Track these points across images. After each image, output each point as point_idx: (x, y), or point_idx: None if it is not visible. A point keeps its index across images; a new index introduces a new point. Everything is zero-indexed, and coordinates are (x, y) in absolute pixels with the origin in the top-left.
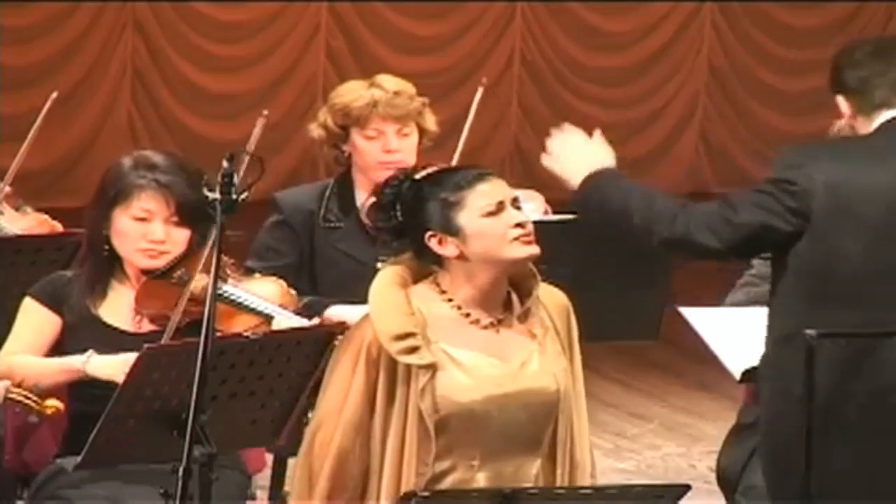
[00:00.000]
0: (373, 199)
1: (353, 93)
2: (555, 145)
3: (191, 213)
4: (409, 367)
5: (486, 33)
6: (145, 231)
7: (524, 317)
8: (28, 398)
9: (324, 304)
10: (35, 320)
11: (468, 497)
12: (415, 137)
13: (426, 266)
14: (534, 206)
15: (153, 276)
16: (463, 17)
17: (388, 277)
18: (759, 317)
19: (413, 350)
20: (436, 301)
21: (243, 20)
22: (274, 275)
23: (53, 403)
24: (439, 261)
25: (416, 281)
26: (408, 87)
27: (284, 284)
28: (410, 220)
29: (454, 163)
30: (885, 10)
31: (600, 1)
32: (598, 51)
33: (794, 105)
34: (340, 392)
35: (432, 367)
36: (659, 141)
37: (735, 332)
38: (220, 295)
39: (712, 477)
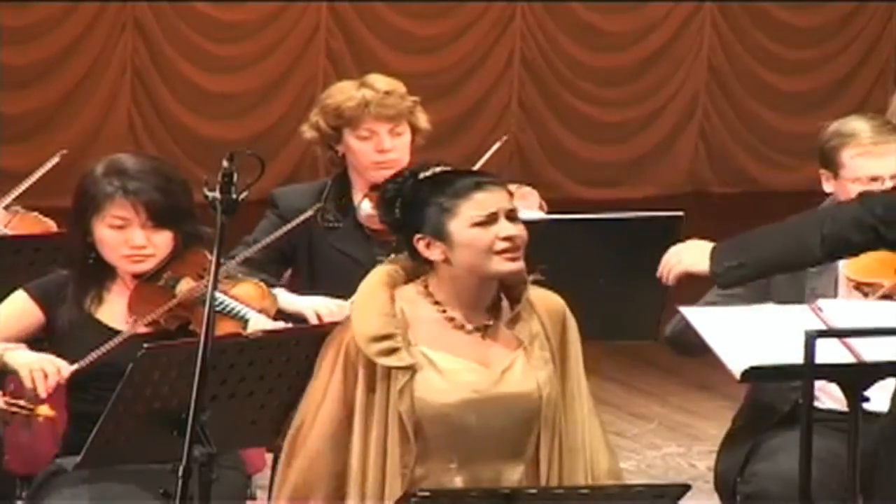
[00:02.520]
0: (375, 193)
1: (343, 93)
2: (669, 259)
3: (165, 217)
4: (388, 368)
5: (486, 33)
6: (125, 237)
7: (512, 322)
8: (20, 406)
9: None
10: (13, 309)
11: (468, 497)
12: (407, 136)
13: (419, 266)
14: (527, 204)
15: (144, 280)
16: (463, 17)
17: (376, 277)
18: (759, 316)
19: (391, 352)
20: (422, 303)
21: (243, 20)
22: (264, 265)
23: (45, 411)
24: (430, 263)
25: (410, 281)
26: (398, 87)
27: (265, 287)
28: (405, 218)
29: None
30: (884, 9)
31: (600, 1)
32: (598, 50)
33: (794, 105)
34: (318, 392)
35: (411, 369)
36: (659, 140)
37: (735, 332)
38: (202, 300)
39: (712, 476)
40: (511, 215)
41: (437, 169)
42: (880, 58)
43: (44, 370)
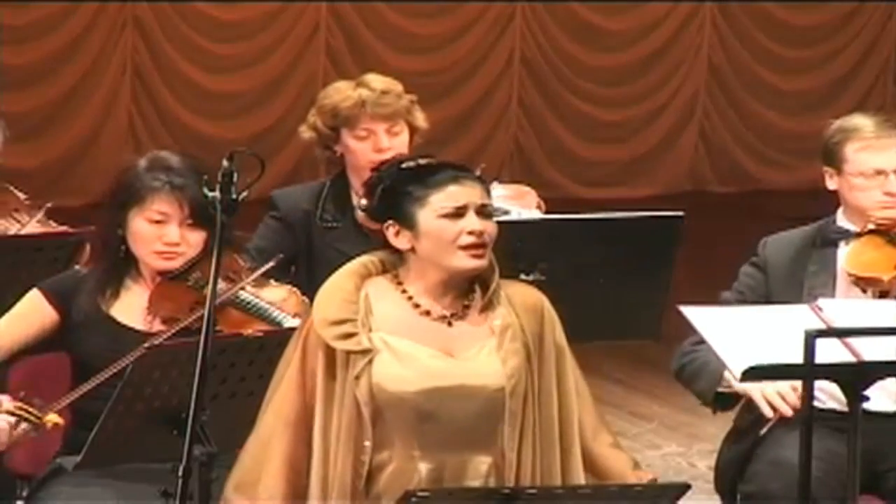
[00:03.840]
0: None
1: (340, 93)
2: None
3: (206, 216)
4: (347, 354)
5: (486, 33)
6: (161, 233)
7: (483, 311)
8: (28, 413)
9: None
10: (29, 310)
11: (467, 496)
12: (405, 135)
13: (396, 259)
14: (525, 203)
15: (168, 278)
16: (463, 17)
17: (351, 267)
18: (759, 316)
19: (348, 336)
20: (390, 292)
21: (243, 19)
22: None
23: (53, 418)
24: (400, 252)
25: (383, 272)
26: (395, 86)
27: (298, 293)
28: (381, 205)
29: None
30: (884, 9)
31: (600, 1)
32: (598, 50)
33: (794, 104)
34: (276, 379)
35: (368, 354)
36: (659, 140)
37: (735, 332)
38: (235, 303)
39: (712, 476)
40: (482, 211)
41: (422, 160)
42: (880, 57)
43: None
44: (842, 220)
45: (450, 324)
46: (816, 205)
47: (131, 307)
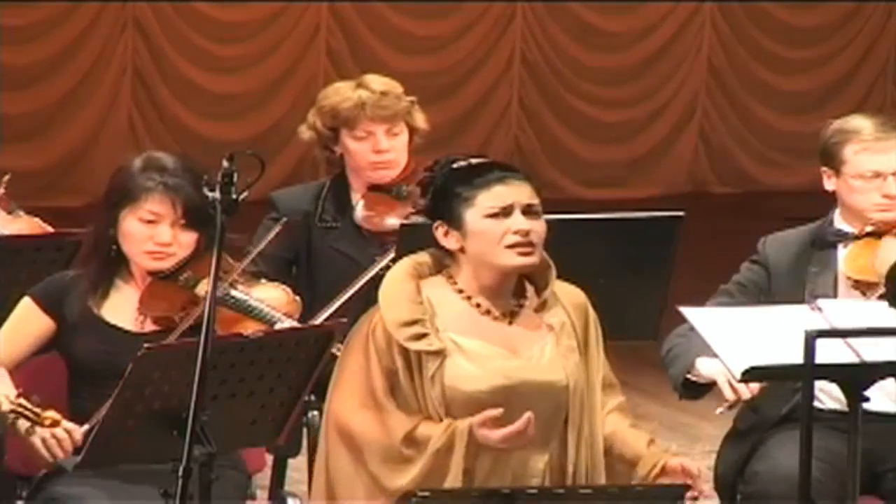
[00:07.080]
0: (372, 194)
1: (339, 94)
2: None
3: (198, 217)
4: (419, 355)
5: (486, 33)
6: (152, 233)
7: (540, 308)
8: (26, 409)
9: None
10: (24, 321)
11: (468, 497)
12: (405, 136)
13: (443, 259)
14: None
15: (159, 278)
16: (463, 17)
17: (402, 268)
18: (759, 316)
19: (421, 337)
20: (447, 292)
21: (243, 20)
22: (274, 275)
23: (51, 415)
24: (450, 252)
25: (434, 273)
26: (395, 87)
27: (290, 291)
28: (432, 205)
29: None
30: (883, 9)
31: (600, 1)
32: (598, 50)
33: (794, 105)
34: (357, 374)
35: (441, 355)
36: (659, 141)
37: (735, 332)
38: (226, 301)
39: (712, 476)
40: (528, 210)
41: (473, 160)
42: (879, 58)
43: (56, 436)
44: (839, 221)
45: (510, 322)
46: (816, 205)
47: (121, 307)
